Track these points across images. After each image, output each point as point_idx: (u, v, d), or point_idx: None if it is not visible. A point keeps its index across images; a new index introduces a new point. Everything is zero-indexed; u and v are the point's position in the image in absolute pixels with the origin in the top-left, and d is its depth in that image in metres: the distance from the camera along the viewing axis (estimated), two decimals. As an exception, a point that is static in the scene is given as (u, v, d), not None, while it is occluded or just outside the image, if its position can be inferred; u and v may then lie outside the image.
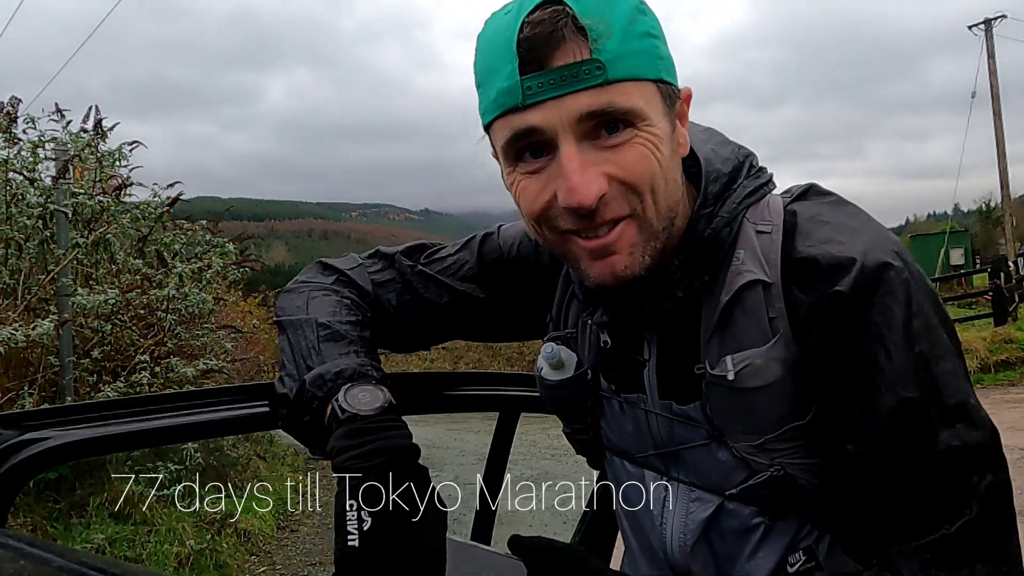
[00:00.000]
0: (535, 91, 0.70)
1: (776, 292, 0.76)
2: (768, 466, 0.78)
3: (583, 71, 0.69)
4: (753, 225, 0.80)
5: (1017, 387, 9.77)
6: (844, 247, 0.74)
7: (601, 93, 0.70)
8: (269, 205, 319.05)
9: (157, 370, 4.74)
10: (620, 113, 0.71)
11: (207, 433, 1.12)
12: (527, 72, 0.70)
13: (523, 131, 0.72)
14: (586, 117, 0.70)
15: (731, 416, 0.79)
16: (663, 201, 0.75)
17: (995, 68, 23.27)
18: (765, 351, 0.76)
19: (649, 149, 0.72)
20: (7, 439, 0.86)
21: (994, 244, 34.25)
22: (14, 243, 4.64)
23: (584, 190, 0.70)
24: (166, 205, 5.54)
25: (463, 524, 1.22)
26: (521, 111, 0.71)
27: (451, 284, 1.01)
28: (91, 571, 0.49)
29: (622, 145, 0.72)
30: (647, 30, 0.73)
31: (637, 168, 0.72)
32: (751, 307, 0.77)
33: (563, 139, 0.71)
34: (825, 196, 0.83)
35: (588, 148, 0.72)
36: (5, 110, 4.90)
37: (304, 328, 0.91)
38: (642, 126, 0.72)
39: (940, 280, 18.89)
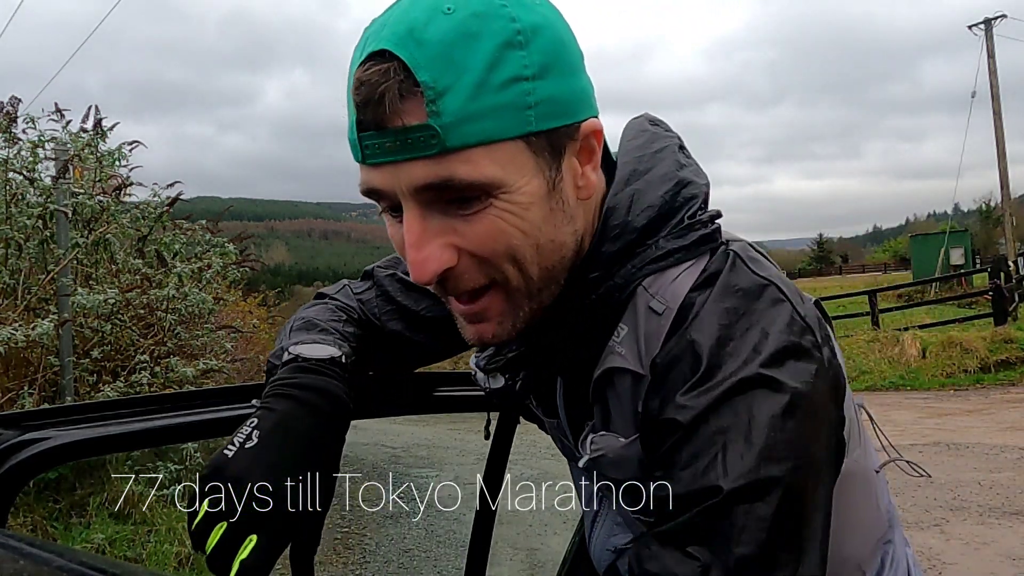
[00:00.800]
0: (373, 152, 0.62)
1: (645, 386, 0.66)
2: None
3: (417, 139, 0.59)
4: (648, 298, 0.68)
5: (1017, 387, 9.78)
6: (716, 343, 0.62)
7: (439, 164, 0.60)
8: (269, 205, 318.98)
9: (157, 370, 4.74)
10: (461, 188, 0.61)
11: (207, 433, 1.12)
12: (364, 131, 0.62)
13: (368, 191, 0.65)
14: (422, 189, 0.61)
15: (608, 482, 0.74)
16: (533, 267, 0.66)
17: (995, 68, 23.27)
18: (623, 447, 0.68)
19: (506, 221, 0.63)
20: (7, 439, 0.86)
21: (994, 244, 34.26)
22: (14, 243, 4.63)
23: (420, 268, 0.63)
24: (166, 205, 5.53)
25: (463, 524, 1.22)
26: (366, 168, 0.64)
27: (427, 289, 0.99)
28: (91, 571, 0.49)
29: (473, 215, 0.63)
30: (515, 74, 0.61)
31: (489, 243, 0.63)
32: (619, 393, 0.69)
33: (406, 206, 0.63)
34: (735, 284, 0.67)
35: (435, 216, 0.63)
36: (5, 110, 4.89)
37: (284, 329, 0.94)
38: (499, 194, 0.62)
39: (940, 280, 18.89)
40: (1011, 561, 3.96)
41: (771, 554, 0.56)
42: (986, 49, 23.52)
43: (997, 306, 12.13)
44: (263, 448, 0.69)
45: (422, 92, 0.59)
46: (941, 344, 11.02)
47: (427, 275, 0.63)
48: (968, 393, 9.71)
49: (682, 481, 0.59)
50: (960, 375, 10.42)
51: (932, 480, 5.59)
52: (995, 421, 7.80)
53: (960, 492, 5.26)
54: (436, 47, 0.59)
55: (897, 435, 7.25)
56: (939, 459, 6.26)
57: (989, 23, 23.70)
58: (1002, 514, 4.75)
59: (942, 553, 4.10)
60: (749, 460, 0.57)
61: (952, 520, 4.66)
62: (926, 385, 10.29)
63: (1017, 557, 4.02)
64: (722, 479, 0.57)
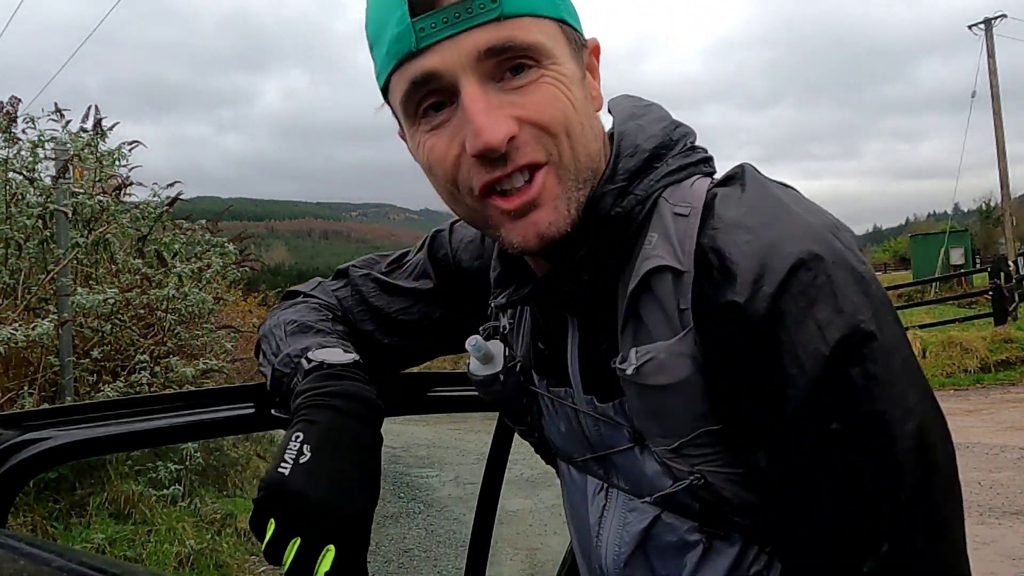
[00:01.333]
0: (428, 32, 0.64)
1: (688, 281, 0.67)
2: (688, 473, 0.70)
3: (476, 6, 0.64)
4: (671, 207, 0.71)
5: (1017, 387, 9.78)
6: (751, 235, 0.64)
7: (499, 28, 0.64)
8: (269, 205, 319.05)
9: (157, 370, 4.74)
10: (522, 49, 0.65)
11: (207, 433, 1.12)
12: (418, 13, 0.64)
13: (421, 78, 0.66)
14: (486, 54, 0.64)
15: (645, 416, 0.72)
16: (581, 147, 0.69)
17: (995, 68, 23.27)
18: (671, 346, 0.68)
19: (559, 89, 0.67)
20: (8, 439, 0.86)
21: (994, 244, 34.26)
22: (14, 243, 4.63)
23: (491, 129, 0.64)
24: (166, 205, 5.53)
25: (463, 524, 1.22)
26: (416, 57, 0.65)
27: (402, 285, 1.00)
28: (91, 571, 0.49)
29: (529, 85, 0.66)
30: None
31: (548, 109, 0.66)
32: (660, 296, 0.69)
33: (464, 81, 0.65)
34: (755, 178, 0.71)
35: (493, 90, 0.66)
36: (5, 110, 4.89)
37: (273, 332, 0.95)
38: (548, 64, 0.67)
39: (940, 280, 18.89)
40: (1011, 561, 3.96)
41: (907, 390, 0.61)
42: (986, 49, 23.52)
43: (997, 306, 12.13)
44: (317, 461, 0.70)
45: None
46: (941, 344, 11.02)
47: (499, 136, 0.64)
48: (968, 393, 9.71)
49: (799, 354, 0.60)
50: (960, 375, 10.42)
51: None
52: (995, 421, 7.80)
53: (960, 492, 5.26)
54: None
55: (897, 435, 7.24)
56: (939, 459, 6.26)
57: (989, 23, 23.70)
58: (1002, 514, 4.75)
59: (942, 553, 4.10)
60: (842, 321, 0.60)
61: (952, 520, 4.66)
62: (926, 385, 10.29)
63: (1017, 557, 4.02)
64: (827, 337, 0.60)
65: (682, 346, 0.67)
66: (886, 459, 0.60)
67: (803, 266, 0.61)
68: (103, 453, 2.27)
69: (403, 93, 0.68)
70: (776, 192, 0.69)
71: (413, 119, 0.70)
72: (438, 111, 0.68)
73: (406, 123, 0.72)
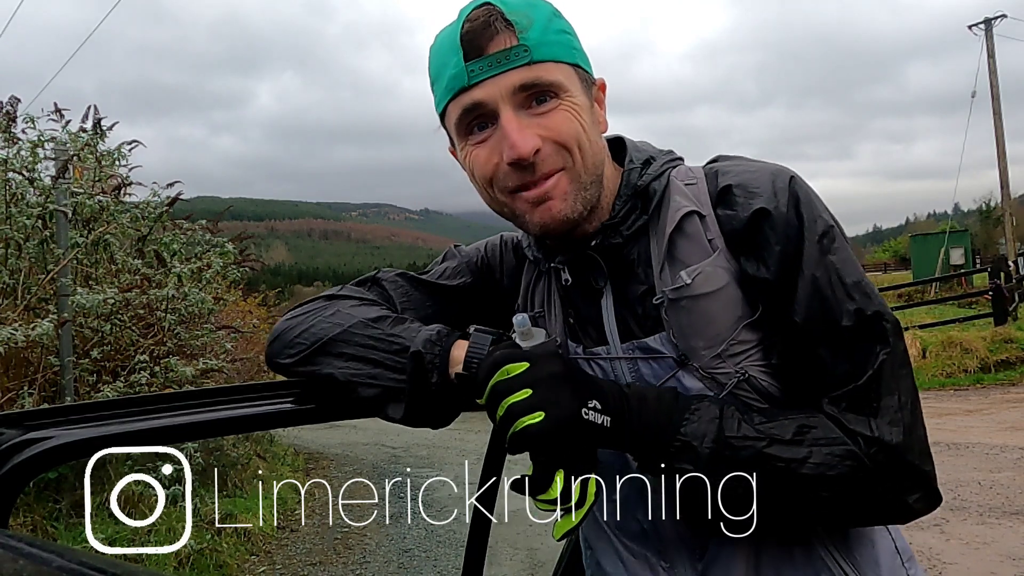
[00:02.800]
0: (477, 73, 0.87)
1: (710, 219, 0.91)
2: (733, 374, 0.89)
3: (512, 54, 0.86)
4: (681, 182, 0.95)
5: (1017, 387, 9.78)
6: (756, 173, 0.91)
7: (529, 70, 0.87)
8: (269, 205, 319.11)
9: (157, 370, 4.74)
10: (545, 85, 0.87)
11: (209, 432, 1.12)
12: (470, 59, 0.87)
13: (471, 106, 0.88)
14: (519, 89, 0.87)
15: (692, 332, 0.89)
16: (589, 158, 0.90)
17: (995, 68, 23.28)
18: (711, 261, 0.90)
19: (572, 114, 0.89)
20: (10, 438, 0.86)
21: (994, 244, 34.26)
22: (14, 243, 4.63)
23: (522, 144, 0.86)
24: (165, 205, 5.53)
25: (463, 524, 1.22)
26: (468, 90, 0.88)
27: (439, 283, 1.10)
28: (91, 571, 0.49)
29: (550, 112, 0.88)
30: (562, 28, 0.91)
31: (564, 128, 0.88)
32: (691, 233, 0.92)
33: (503, 109, 0.87)
34: (732, 155, 1.00)
35: (523, 115, 0.88)
36: (4, 110, 4.89)
37: (352, 333, 0.95)
38: (565, 96, 0.89)
39: (940, 280, 18.89)
40: (1011, 561, 3.96)
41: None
42: (986, 49, 23.53)
43: (997, 306, 12.14)
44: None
45: (513, 25, 0.87)
46: (941, 344, 11.02)
47: (528, 149, 0.86)
48: (968, 393, 9.71)
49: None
50: (960, 375, 10.42)
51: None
52: (995, 421, 7.80)
53: (960, 492, 5.26)
54: (515, 3, 0.89)
55: (897, 435, 7.24)
56: (939, 459, 6.19)
57: (989, 23, 23.71)
58: (1002, 514, 4.75)
59: (942, 553, 4.10)
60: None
61: (952, 520, 4.66)
62: (926, 385, 10.29)
63: (1017, 557, 4.02)
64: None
65: (718, 261, 0.90)
66: (866, 314, 0.86)
67: (793, 181, 0.90)
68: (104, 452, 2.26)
69: (457, 117, 0.90)
70: (754, 159, 0.97)
71: (463, 136, 0.92)
72: (482, 131, 0.90)
73: (458, 140, 0.93)
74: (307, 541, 5.02)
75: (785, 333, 0.88)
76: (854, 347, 0.85)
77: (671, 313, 0.90)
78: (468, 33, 0.87)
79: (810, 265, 0.86)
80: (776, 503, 0.83)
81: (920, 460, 0.85)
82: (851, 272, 0.87)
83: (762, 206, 0.88)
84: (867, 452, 0.83)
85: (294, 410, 1.02)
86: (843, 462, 0.82)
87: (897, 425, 0.84)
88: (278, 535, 5.10)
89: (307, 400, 1.00)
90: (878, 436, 0.83)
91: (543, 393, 0.80)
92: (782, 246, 0.87)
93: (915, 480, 0.85)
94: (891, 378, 0.85)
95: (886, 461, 0.83)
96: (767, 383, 0.89)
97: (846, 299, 0.86)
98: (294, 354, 0.98)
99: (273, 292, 11.39)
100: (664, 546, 0.95)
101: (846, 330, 0.85)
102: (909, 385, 0.87)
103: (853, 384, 0.85)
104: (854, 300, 0.86)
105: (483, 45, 0.87)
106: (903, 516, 0.86)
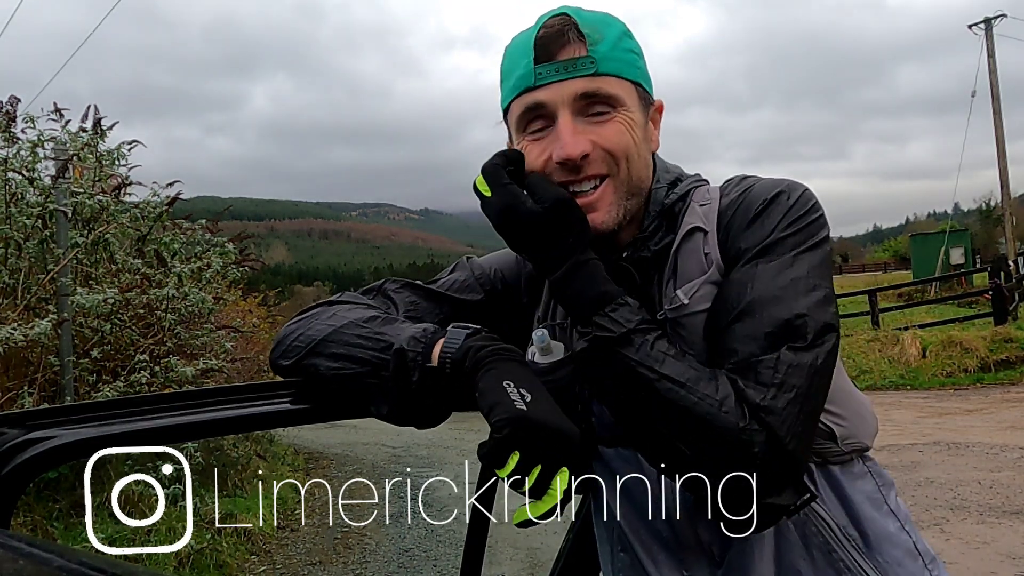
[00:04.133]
0: (544, 76, 0.92)
1: (711, 234, 0.95)
2: None
3: (580, 63, 0.91)
4: (697, 202, 0.99)
5: (1017, 387, 9.78)
6: (766, 181, 0.97)
7: (593, 80, 0.92)
8: (269, 205, 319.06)
9: (156, 369, 4.74)
10: (605, 96, 0.92)
11: (210, 432, 1.12)
12: (540, 62, 0.92)
13: (533, 105, 0.93)
14: (580, 97, 0.92)
15: (690, 348, 0.90)
16: (635, 171, 0.95)
17: (995, 67, 23.28)
18: (706, 278, 0.92)
19: (626, 127, 0.93)
20: (12, 438, 0.86)
21: (994, 244, 34.23)
22: (14, 243, 4.63)
23: (573, 146, 0.91)
24: (165, 204, 5.53)
25: (463, 524, 1.22)
26: (533, 91, 0.93)
27: (447, 295, 1.09)
28: (91, 571, 0.49)
29: (606, 122, 0.93)
30: (631, 48, 0.96)
31: (615, 139, 0.93)
32: (692, 247, 0.95)
33: (561, 112, 0.92)
34: (751, 175, 1.02)
35: (580, 120, 0.92)
36: (4, 110, 4.89)
37: (343, 333, 0.95)
38: (622, 110, 0.93)
39: (940, 280, 18.89)
40: (1011, 561, 3.97)
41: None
42: (986, 49, 23.52)
43: (997, 305, 12.15)
44: (539, 398, 0.83)
45: (585, 37, 0.92)
46: (941, 343, 11.02)
47: (577, 151, 0.91)
48: (968, 393, 9.71)
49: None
50: (960, 374, 10.42)
51: (932, 480, 5.60)
52: (995, 421, 7.80)
53: (960, 492, 5.26)
54: (591, 17, 0.95)
55: (897, 434, 7.25)
56: (939, 459, 6.27)
57: (989, 23, 23.70)
58: (1002, 514, 4.75)
59: (942, 552, 4.09)
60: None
61: (952, 520, 4.66)
62: (926, 384, 10.30)
63: (1017, 557, 4.02)
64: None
65: (712, 276, 0.92)
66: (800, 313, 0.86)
67: (805, 187, 0.95)
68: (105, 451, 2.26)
69: (519, 113, 0.95)
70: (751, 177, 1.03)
71: (521, 132, 0.97)
72: (540, 130, 0.95)
73: (516, 134, 0.98)
74: (307, 541, 5.03)
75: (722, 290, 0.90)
76: (778, 330, 0.85)
77: (672, 330, 0.92)
78: (543, 38, 0.92)
79: (780, 247, 0.89)
80: (644, 429, 0.85)
81: (795, 444, 0.81)
82: (813, 274, 0.88)
83: (773, 194, 0.93)
84: (747, 424, 0.80)
85: (294, 410, 1.02)
86: (714, 425, 0.81)
87: (791, 408, 0.81)
88: (278, 535, 5.10)
89: (306, 400, 1.01)
90: (767, 407, 0.80)
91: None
92: (768, 221, 0.91)
93: (784, 462, 0.81)
94: (805, 368, 0.84)
95: (758, 431, 0.80)
96: None
97: (796, 295, 0.86)
98: (291, 356, 0.99)
99: (273, 292, 11.38)
100: (683, 553, 0.95)
101: (778, 314, 0.85)
102: (820, 386, 0.85)
103: (762, 356, 0.84)
104: (800, 296, 0.86)
105: (554, 51, 0.92)
106: (749, 499, 0.81)
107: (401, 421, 0.91)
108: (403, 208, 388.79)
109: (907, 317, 13.79)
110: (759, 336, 0.85)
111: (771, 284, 0.87)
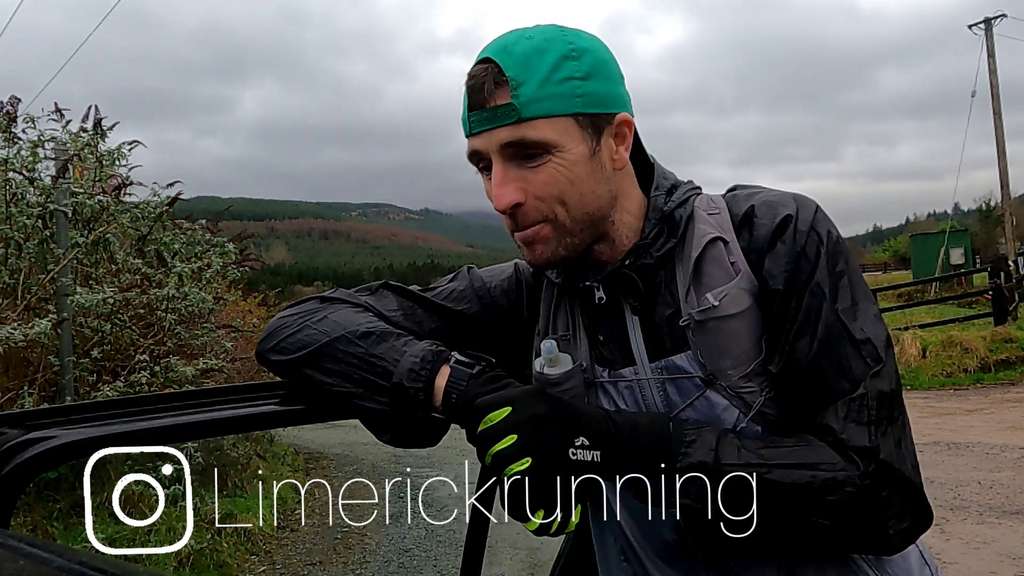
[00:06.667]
0: (475, 124, 0.91)
1: (733, 244, 0.94)
2: (759, 392, 0.91)
3: (500, 112, 0.89)
4: (704, 211, 0.98)
5: (1017, 387, 9.78)
6: (779, 195, 0.96)
7: (517, 129, 0.88)
8: (269, 205, 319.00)
9: (157, 369, 4.74)
10: (530, 143, 0.89)
11: (208, 432, 1.12)
12: (471, 111, 0.91)
13: (472, 152, 0.93)
14: (505, 146, 0.89)
15: (719, 353, 0.91)
16: (580, 208, 0.92)
17: (995, 67, 23.27)
18: (735, 283, 0.92)
19: (559, 172, 0.90)
20: (12, 438, 0.86)
21: (994, 244, 34.25)
22: (14, 243, 4.63)
23: (499, 199, 0.91)
24: (166, 204, 5.53)
25: (462, 524, 1.22)
26: (471, 138, 0.92)
27: (442, 305, 1.08)
28: (91, 571, 0.49)
29: (538, 167, 0.90)
30: (569, 75, 0.90)
31: (545, 188, 0.90)
32: (715, 257, 0.94)
33: (494, 160, 0.91)
34: (751, 184, 1.03)
35: (513, 167, 0.91)
36: (5, 110, 4.89)
37: (336, 347, 0.95)
38: (555, 152, 0.90)
39: (940, 280, 18.88)
40: (1011, 561, 3.97)
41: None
42: (986, 49, 23.51)
43: (997, 306, 12.15)
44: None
45: (509, 82, 0.88)
46: (941, 343, 11.02)
47: (504, 203, 0.90)
48: (968, 393, 9.71)
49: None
50: (960, 375, 10.42)
51: (932, 480, 5.59)
52: (995, 421, 7.80)
53: (960, 492, 5.26)
54: (518, 57, 0.89)
55: (897, 435, 7.23)
56: (939, 458, 6.27)
57: (989, 23, 23.69)
58: (1002, 514, 4.75)
59: (942, 553, 4.10)
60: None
61: (952, 520, 4.66)
62: (926, 384, 10.29)
63: (1017, 557, 4.02)
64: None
65: (741, 283, 0.92)
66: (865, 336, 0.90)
67: (818, 205, 0.95)
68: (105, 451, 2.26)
69: (468, 156, 0.95)
70: (767, 187, 1.02)
71: (479, 171, 0.96)
72: (487, 170, 0.94)
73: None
74: (307, 541, 5.02)
75: (784, 347, 0.91)
76: (851, 363, 0.89)
77: (698, 334, 0.92)
78: (469, 87, 0.92)
79: (822, 279, 0.91)
80: (772, 527, 0.85)
81: (913, 474, 0.87)
82: (858, 294, 0.92)
83: (788, 214, 0.93)
84: (865, 469, 0.85)
85: (294, 410, 1.02)
86: (843, 488, 0.84)
87: (891, 437, 0.87)
88: (278, 535, 5.10)
89: (305, 400, 1.01)
90: (877, 447, 0.85)
91: (527, 439, 0.82)
92: (800, 252, 0.91)
93: (907, 493, 0.86)
94: (887, 394, 0.89)
95: (880, 473, 0.85)
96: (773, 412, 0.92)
97: (851, 319, 0.90)
98: (283, 357, 0.99)
99: (273, 292, 11.39)
100: (690, 564, 0.95)
101: (846, 348, 0.89)
102: (900, 401, 0.91)
103: (849, 396, 0.87)
104: (856, 320, 0.90)
105: (480, 100, 0.90)
106: (893, 541, 0.87)
107: (404, 446, 0.95)
108: (403, 208, 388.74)
109: (907, 317, 13.78)
110: (838, 379, 0.88)
111: (834, 323, 0.89)
